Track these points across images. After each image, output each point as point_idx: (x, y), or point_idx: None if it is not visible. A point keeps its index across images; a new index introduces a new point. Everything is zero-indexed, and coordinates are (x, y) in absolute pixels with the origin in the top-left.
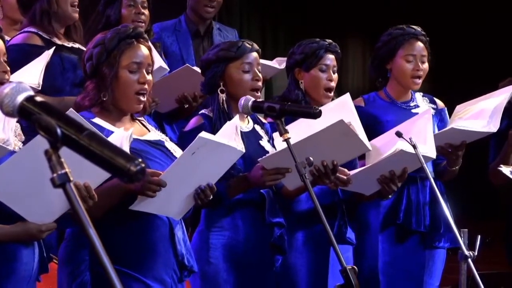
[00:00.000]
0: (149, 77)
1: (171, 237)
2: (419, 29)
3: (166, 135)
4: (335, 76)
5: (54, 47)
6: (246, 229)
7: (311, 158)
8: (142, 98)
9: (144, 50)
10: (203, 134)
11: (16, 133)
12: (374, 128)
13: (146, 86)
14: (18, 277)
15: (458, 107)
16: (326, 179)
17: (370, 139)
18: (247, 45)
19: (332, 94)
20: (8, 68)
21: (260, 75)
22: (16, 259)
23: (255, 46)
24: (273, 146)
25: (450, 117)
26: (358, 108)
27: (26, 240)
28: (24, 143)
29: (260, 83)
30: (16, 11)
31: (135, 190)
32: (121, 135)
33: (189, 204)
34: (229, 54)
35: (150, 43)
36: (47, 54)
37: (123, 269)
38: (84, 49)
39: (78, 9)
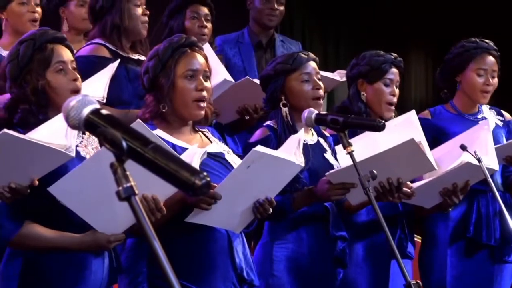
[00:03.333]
0: (207, 84)
1: (230, 250)
2: (491, 43)
3: (228, 147)
4: (397, 91)
5: (119, 60)
6: (309, 242)
7: (374, 172)
8: (202, 105)
9: (199, 57)
10: (259, 148)
11: (93, 145)
12: (440, 140)
13: (204, 93)
14: (87, 286)
15: None
16: (390, 196)
17: None
18: (303, 55)
19: (393, 108)
20: (79, 76)
21: (320, 83)
22: (85, 268)
23: (311, 55)
24: (336, 159)
25: None
26: (424, 120)
27: (95, 250)
28: None
29: (321, 91)
30: (80, 22)
31: (190, 202)
32: (194, 151)
33: (248, 218)
34: (286, 66)
35: (211, 50)
36: (112, 67)
37: (181, 282)
38: None
39: (147, 26)
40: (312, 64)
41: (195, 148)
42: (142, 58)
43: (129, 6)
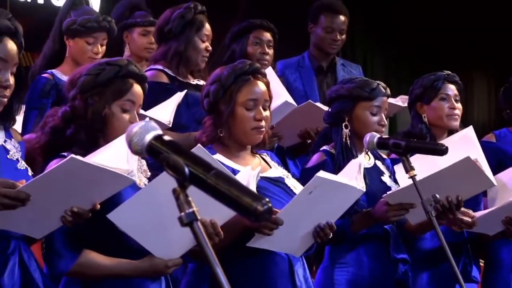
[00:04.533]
0: (266, 113)
1: (290, 273)
2: None
3: (289, 171)
4: (458, 105)
5: (186, 91)
6: (370, 265)
7: (437, 196)
8: (261, 129)
9: (261, 86)
10: (321, 174)
11: (142, 169)
12: (506, 164)
13: (263, 123)
14: None
15: None
16: (450, 214)
17: None
18: (382, 88)
19: (457, 118)
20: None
21: (385, 120)
22: None
23: (388, 91)
24: (395, 181)
25: None
26: (489, 144)
27: (152, 276)
28: (149, 179)
29: (383, 128)
30: (141, 50)
31: (252, 227)
32: (248, 174)
33: (308, 242)
34: (362, 93)
35: (273, 73)
36: (179, 96)
37: None
38: None
39: (206, 59)
40: (385, 99)
41: (249, 169)
42: (201, 83)
43: (195, 38)
